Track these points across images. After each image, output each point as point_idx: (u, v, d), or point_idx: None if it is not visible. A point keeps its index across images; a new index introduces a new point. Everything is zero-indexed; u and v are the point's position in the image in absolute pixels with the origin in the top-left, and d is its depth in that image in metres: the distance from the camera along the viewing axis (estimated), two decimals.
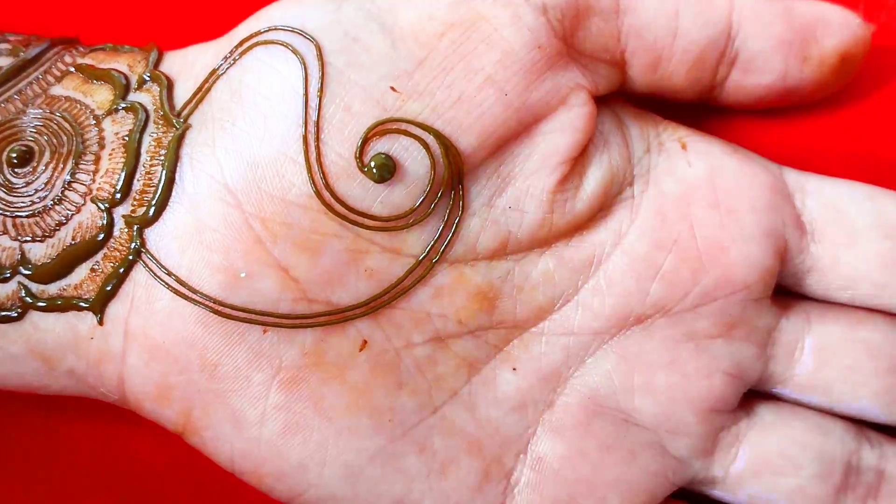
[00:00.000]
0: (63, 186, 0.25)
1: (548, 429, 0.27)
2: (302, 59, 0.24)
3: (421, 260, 0.26)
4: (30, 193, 0.25)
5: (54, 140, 0.25)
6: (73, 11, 0.32)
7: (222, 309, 0.24)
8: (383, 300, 0.25)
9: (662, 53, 0.27)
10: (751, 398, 0.28)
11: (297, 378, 0.25)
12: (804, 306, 0.29)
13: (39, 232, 0.25)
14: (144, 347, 0.25)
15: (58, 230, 0.25)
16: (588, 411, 0.27)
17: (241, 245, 0.24)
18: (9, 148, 0.25)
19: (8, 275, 0.24)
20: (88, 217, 0.25)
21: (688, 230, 0.27)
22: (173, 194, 0.24)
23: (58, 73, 0.26)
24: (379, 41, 0.25)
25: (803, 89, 0.28)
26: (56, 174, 0.25)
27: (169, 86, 0.26)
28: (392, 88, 0.24)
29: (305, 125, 0.24)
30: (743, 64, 0.27)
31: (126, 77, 0.26)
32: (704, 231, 0.27)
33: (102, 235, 0.24)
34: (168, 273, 0.24)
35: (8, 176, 0.25)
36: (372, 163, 0.24)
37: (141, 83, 0.26)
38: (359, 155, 0.24)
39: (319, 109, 0.24)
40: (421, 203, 0.25)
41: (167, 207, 0.24)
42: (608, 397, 0.27)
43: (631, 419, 0.27)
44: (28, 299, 0.25)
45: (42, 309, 0.25)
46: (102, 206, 0.24)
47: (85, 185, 0.25)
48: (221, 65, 0.25)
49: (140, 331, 0.25)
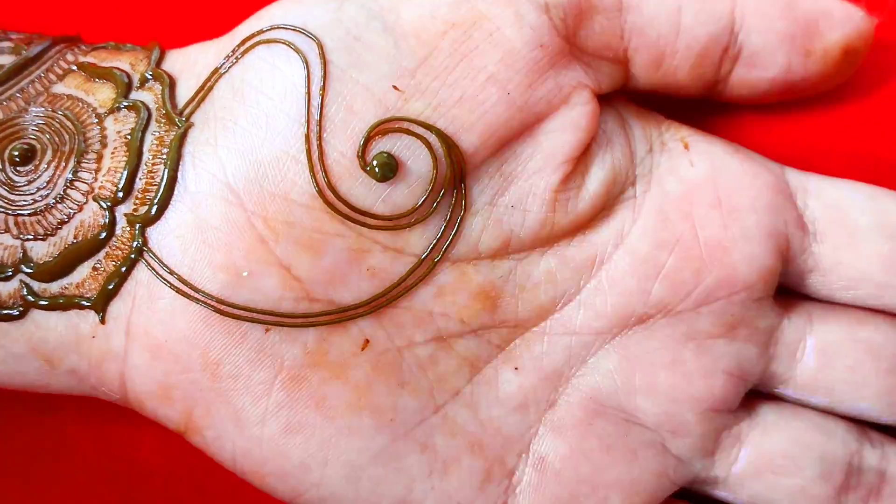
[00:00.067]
0: (65, 185, 0.25)
1: (549, 428, 0.27)
2: (304, 58, 0.24)
3: (423, 259, 0.26)
4: (32, 192, 0.25)
5: (56, 138, 0.25)
6: (75, 9, 0.32)
7: (224, 308, 0.24)
8: (385, 299, 0.25)
9: (665, 50, 0.27)
10: (752, 398, 0.28)
11: (299, 377, 0.25)
12: (806, 306, 0.29)
13: (41, 230, 0.24)
14: (146, 346, 0.25)
15: (60, 229, 0.24)
16: (590, 411, 0.27)
17: (244, 244, 0.24)
18: (11, 146, 0.25)
19: (10, 273, 0.24)
20: (90, 216, 0.25)
21: (690, 230, 0.27)
22: (175, 193, 0.24)
23: (60, 72, 0.26)
24: (381, 40, 0.25)
25: (806, 83, 0.28)
26: (58, 173, 0.25)
27: (171, 84, 0.26)
28: (394, 87, 0.24)
29: (308, 124, 0.24)
30: (746, 59, 0.27)
31: (128, 75, 0.26)
32: (706, 231, 0.27)
33: (104, 234, 0.24)
34: (170, 272, 0.24)
35: (10, 174, 0.25)
36: (374, 162, 0.24)
37: (143, 82, 0.26)
38: (361, 154, 0.24)
39: (322, 108, 0.24)
40: (423, 202, 0.25)
41: (169, 206, 0.24)
42: (610, 397, 0.27)
43: (632, 419, 0.27)
44: (30, 298, 0.24)
45: (44, 307, 0.24)
46: (104, 205, 0.24)
47: (87, 184, 0.25)
48: (223, 63, 0.25)
49: (142, 330, 0.25)
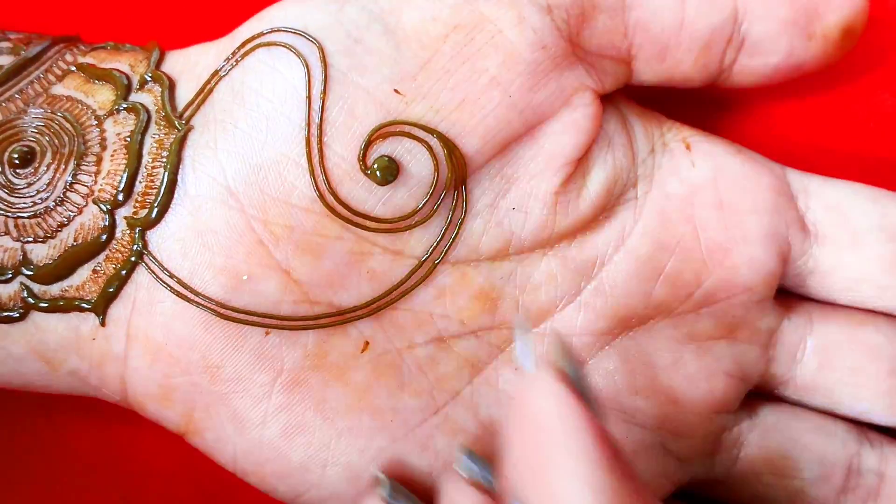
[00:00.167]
0: (64, 187, 0.24)
1: None
2: (304, 61, 0.24)
3: (423, 261, 0.25)
4: (31, 194, 0.24)
5: (56, 140, 0.25)
6: (74, 8, 0.32)
7: (224, 311, 0.24)
8: (385, 301, 0.25)
9: (669, 44, 0.26)
10: (752, 399, 0.28)
11: (299, 379, 0.25)
12: (806, 308, 0.29)
13: (41, 233, 0.24)
14: (146, 349, 0.25)
15: (59, 231, 0.24)
16: None
17: (244, 247, 0.24)
18: (10, 148, 0.25)
19: (10, 275, 0.24)
20: (90, 218, 0.24)
21: (691, 232, 0.27)
22: (175, 196, 0.24)
23: (59, 73, 0.26)
24: (382, 43, 0.24)
25: (807, 66, 0.27)
26: (58, 175, 0.25)
27: (171, 86, 0.25)
28: (396, 91, 0.24)
29: (308, 127, 0.24)
30: (749, 47, 0.27)
31: (127, 77, 0.26)
32: (708, 233, 0.27)
33: (104, 237, 0.24)
34: (170, 275, 0.24)
35: (9, 177, 0.25)
36: (375, 165, 0.24)
37: (142, 83, 0.26)
38: (362, 157, 0.24)
39: (322, 112, 0.24)
40: (424, 205, 0.25)
41: (169, 210, 0.24)
42: (610, 398, 0.27)
43: (632, 420, 0.27)
44: (30, 300, 0.24)
45: (44, 309, 0.24)
46: (104, 208, 0.24)
47: (87, 187, 0.25)
48: (223, 66, 0.25)
49: (142, 332, 0.25)
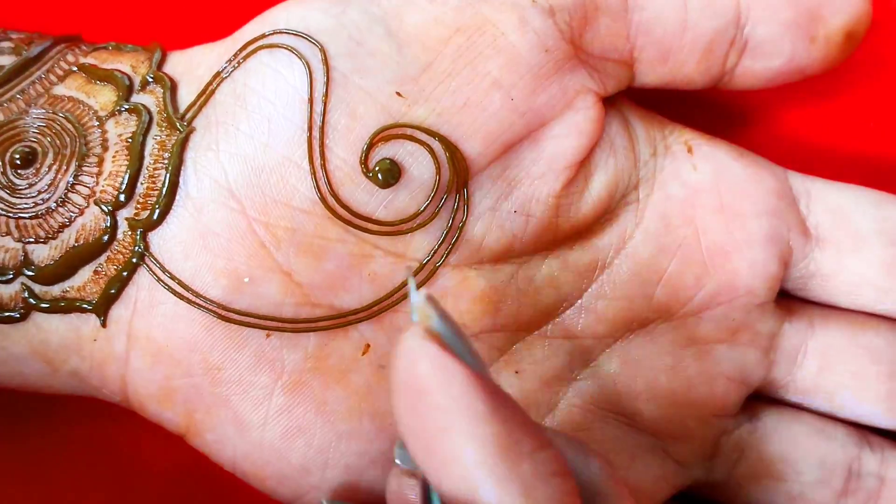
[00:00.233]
0: (66, 188, 0.24)
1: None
2: (306, 64, 0.24)
3: (424, 263, 0.25)
4: (33, 195, 0.24)
5: (57, 141, 0.25)
6: (75, 7, 0.32)
7: (226, 313, 0.24)
8: (386, 304, 0.25)
9: (672, 47, 0.26)
10: (753, 402, 0.28)
11: (300, 382, 0.25)
12: (807, 311, 0.29)
13: (42, 233, 0.24)
14: (147, 350, 0.25)
15: (61, 232, 0.24)
16: (590, 415, 0.27)
17: (245, 250, 0.24)
18: (12, 149, 0.25)
19: (11, 276, 0.24)
20: (91, 219, 0.24)
21: (692, 235, 0.27)
22: (177, 198, 0.24)
23: (60, 73, 0.26)
24: (384, 45, 0.24)
25: (809, 69, 0.27)
26: (59, 176, 0.24)
27: (172, 87, 0.25)
28: (397, 93, 0.24)
29: (310, 130, 0.24)
30: (752, 50, 0.26)
31: (129, 78, 0.26)
32: (709, 236, 0.27)
33: (106, 238, 0.24)
34: (171, 277, 0.24)
35: (11, 177, 0.25)
36: (377, 168, 0.24)
37: (144, 84, 0.26)
38: (363, 160, 0.24)
39: (324, 114, 0.24)
40: (425, 207, 0.25)
41: (171, 211, 0.24)
42: (610, 401, 0.27)
43: (633, 423, 0.27)
44: (31, 300, 0.24)
45: (45, 310, 0.24)
46: (105, 209, 0.24)
47: (88, 188, 0.24)
48: (225, 67, 0.25)
49: (143, 333, 0.24)
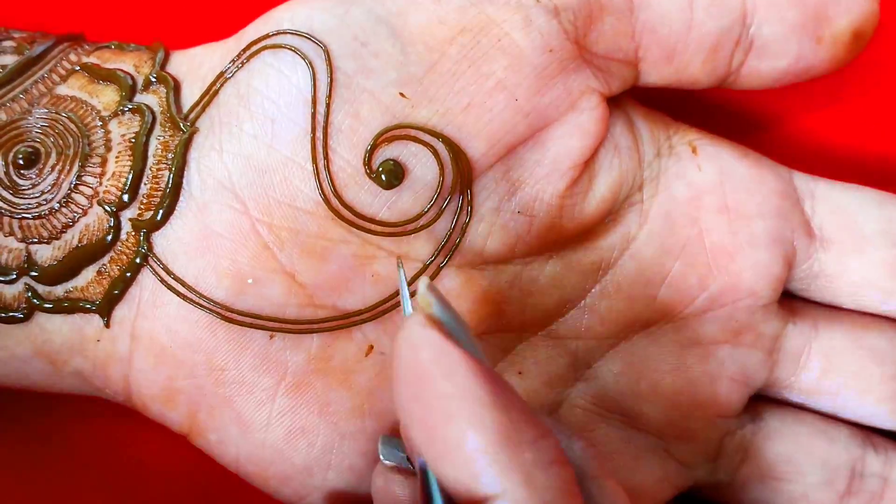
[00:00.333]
0: (69, 189, 0.24)
1: None
2: (310, 64, 0.24)
3: (428, 264, 0.25)
4: (36, 195, 0.24)
5: (60, 141, 0.25)
6: (77, 6, 0.32)
7: (229, 314, 0.24)
8: (390, 305, 0.25)
9: (677, 46, 0.26)
10: (756, 403, 0.28)
11: (303, 383, 0.25)
12: (811, 312, 0.28)
13: (46, 234, 0.24)
14: (151, 351, 0.25)
15: (64, 232, 0.24)
16: (593, 415, 0.27)
17: (248, 250, 0.24)
18: (15, 149, 0.25)
19: (14, 276, 0.24)
20: (95, 220, 0.24)
21: (696, 236, 0.27)
22: (180, 199, 0.24)
23: (63, 72, 0.26)
24: (388, 46, 0.24)
25: (816, 69, 0.27)
26: (62, 176, 0.24)
27: (176, 88, 0.25)
28: (401, 94, 0.24)
29: (313, 131, 0.24)
30: (758, 50, 0.26)
31: (132, 77, 0.26)
32: (713, 237, 0.27)
33: (109, 238, 0.24)
34: (175, 278, 0.24)
35: (14, 177, 0.24)
36: (380, 169, 0.24)
37: (147, 84, 0.26)
38: (367, 161, 0.24)
39: (328, 115, 0.24)
40: (429, 208, 0.25)
41: (174, 212, 0.24)
42: (614, 401, 0.27)
43: (636, 424, 0.27)
44: (34, 300, 0.24)
45: (48, 310, 0.24)
46: (109, 209, 0.24)
47: (91, 188, 0.24)
48: (229, 67, 0.25)
49: (147, 334, 0.24)
